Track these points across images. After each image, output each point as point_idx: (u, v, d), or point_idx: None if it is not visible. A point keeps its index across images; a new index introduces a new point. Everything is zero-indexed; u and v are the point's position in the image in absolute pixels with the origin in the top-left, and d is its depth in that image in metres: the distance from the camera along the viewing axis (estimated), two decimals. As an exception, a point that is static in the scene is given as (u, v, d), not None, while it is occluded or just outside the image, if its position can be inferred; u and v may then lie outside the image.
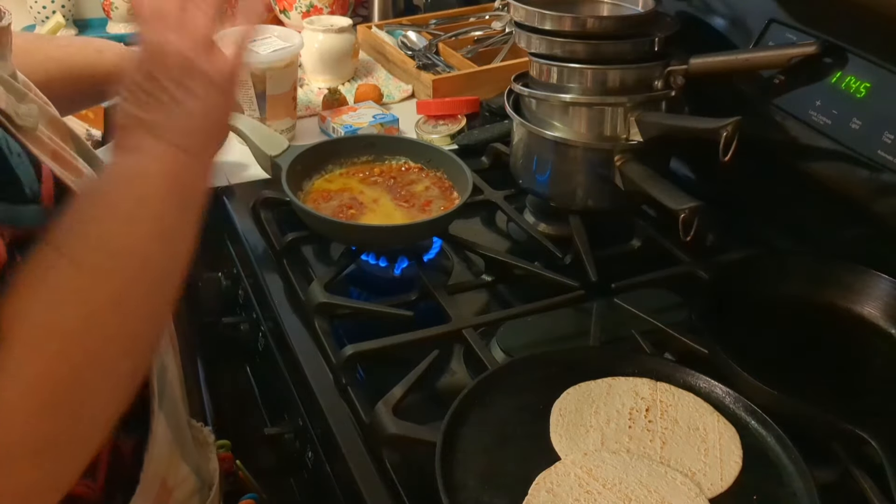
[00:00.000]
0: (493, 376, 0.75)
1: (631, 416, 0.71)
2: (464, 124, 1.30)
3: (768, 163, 0.98)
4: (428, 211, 0.99)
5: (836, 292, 0.87)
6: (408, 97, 1.44)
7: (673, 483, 0.65)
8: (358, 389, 0.79)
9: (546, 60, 0.99)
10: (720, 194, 1.01)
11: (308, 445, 0.83)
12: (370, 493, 0.69)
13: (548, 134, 1.00)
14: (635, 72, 0.97)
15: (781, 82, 0.95)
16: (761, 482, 0.66)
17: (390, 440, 0.71)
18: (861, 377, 0.80)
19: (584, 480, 0.64)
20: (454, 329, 0.85)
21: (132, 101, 0.57)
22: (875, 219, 0.86)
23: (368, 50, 1.60)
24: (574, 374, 0.75)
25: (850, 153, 0.87)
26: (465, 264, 1.01)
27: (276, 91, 1.23)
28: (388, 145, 1.10)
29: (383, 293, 0.96)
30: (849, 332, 0.85)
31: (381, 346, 0.82)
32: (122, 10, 1.65)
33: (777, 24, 0.97)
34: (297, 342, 0.87)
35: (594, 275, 0.94)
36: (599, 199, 1.02)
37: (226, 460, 1.00)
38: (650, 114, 0.97)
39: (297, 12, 1.63)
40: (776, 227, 0.99)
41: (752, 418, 0.72)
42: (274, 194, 1.06)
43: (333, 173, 1.07)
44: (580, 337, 0.88)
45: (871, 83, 0.86)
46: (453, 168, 1.04)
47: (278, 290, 0.95)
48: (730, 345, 0.77)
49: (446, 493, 0.62)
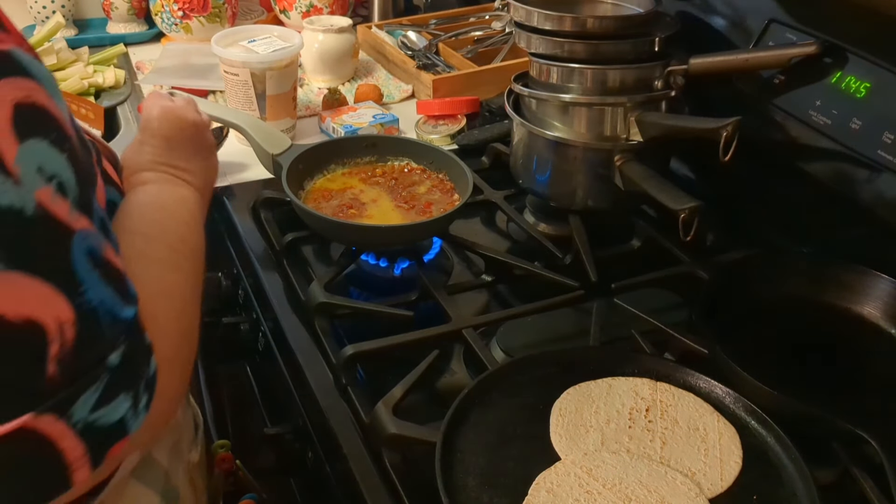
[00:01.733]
0: (493, 376, 0.75)
1: (631, 416, 0.71)
2: (464, 124, 1.30)
3: (768, 163, 0.98)
4: (429, 213, 0.99)
5: (836, 292, 0.87)
6: (408, 97, 1.44)
7: (673, 483, 0.65)
8: (358, 389, 0.79)
9: (546, 60, 0.99)
10: (720, 194, 1.01)
11: (308, 445, 0.83)
12: (370, 493, 0.69)
13: (548, 134, 1.00)
14: (635, 72, 0.97)
15: (781, 82, 0.95)
16: (761, 482, 0.66)
17: (390, 440, 0.71)
18: (861, 377, 0.80)
19: (584, 480, 0.64)
20: (454, 329, 0.85)
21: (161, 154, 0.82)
22: (875, 219, 0.86)
23: (368, 50, 1.60)
24: (574, 374, 0.75)
25: (850, 153, 0.87)
26: (465, 264, 1.01)
27: (276, 91, 1.23)
28: (390, 146, 1.10)
29: (383, 293, 0.96)
30: (849, 332, 0.85)
31: (381, 346, 0.82)
32: (122, 10, 1.65)
33: (777, 24, 0.97)
34: (297, 342, 0.87)
35: (594, 275, 0.94)
36: (599, 199, 1.02)
37: (226, 460, 1.00)
38: (650, 114, 0.97)
39: (297, 12, 1.64)
40: (776, 227, 0.99)
41: (752, 418, 0.72)
42: (274, 194, 1.06)
43: (336, 173, 1.07)
44: (580, 337, 0.88)
45: (871, 83, 0.86)
46: (455, 169, 1.04)
47: (278, 290, 0.95)
48: (730, 345, 0.77)
49: (446, 493, 0.62)
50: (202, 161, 0.86)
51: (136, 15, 1.68)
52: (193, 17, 1.58)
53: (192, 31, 1.59)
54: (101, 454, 0.54)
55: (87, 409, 0.52)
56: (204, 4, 1.57)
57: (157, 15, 1.60)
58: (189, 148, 0.85)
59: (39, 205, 0.49)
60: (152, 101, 0.87)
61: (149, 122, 0.84)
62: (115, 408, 0.54)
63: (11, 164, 0.48)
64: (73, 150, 0.53)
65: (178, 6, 1.56)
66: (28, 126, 0.49)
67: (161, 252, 0.68)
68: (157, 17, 1.60)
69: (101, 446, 0.54)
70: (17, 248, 0.48)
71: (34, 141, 0.50)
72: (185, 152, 0.84)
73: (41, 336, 0.49)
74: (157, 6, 1.58)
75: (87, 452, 0.53)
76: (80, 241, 0.52)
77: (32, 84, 0.51)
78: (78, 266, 0.52)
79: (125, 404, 0.54)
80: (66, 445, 0.52)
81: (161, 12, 1.58)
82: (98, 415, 0.53)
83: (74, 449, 0.52)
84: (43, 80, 0.52)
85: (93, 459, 0.53)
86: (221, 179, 1.17)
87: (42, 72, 0.52)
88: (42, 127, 0.51)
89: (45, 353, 0.50)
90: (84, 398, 0.52)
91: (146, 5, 1.65)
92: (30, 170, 0.49)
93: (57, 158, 0.51)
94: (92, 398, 0.52)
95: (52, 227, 0.50)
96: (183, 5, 1.56)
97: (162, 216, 0.73)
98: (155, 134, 0.83)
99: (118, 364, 0.54)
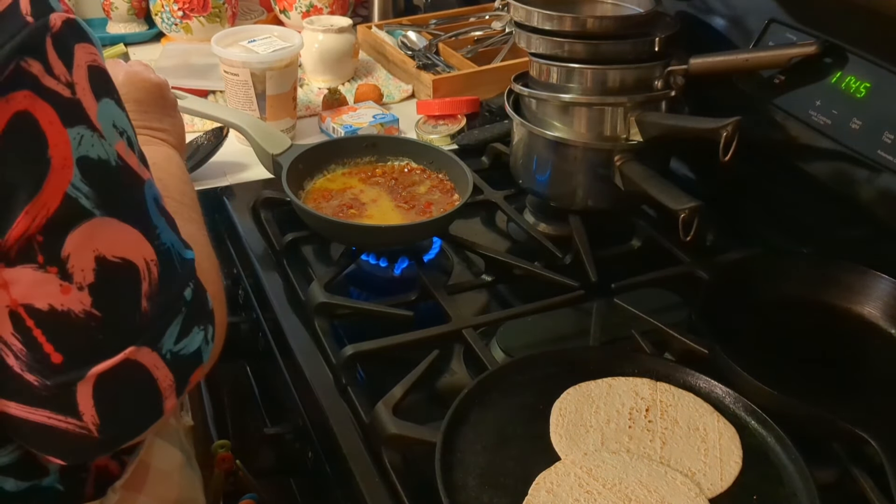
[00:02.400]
0: (493, 376, 0.75)
1: (631, 416, 0.71)
2: (464, 124, 1.30)
3: (768, 163, 0.98)
4: (429, 213, 0.99)
5: (836, 292, 0.87)
6: (408, 97, 1.44)
7: (673, 483, 0.65)
8: (358, 389, 0.79)
9: (546, 60, 0.99)
10: (720, 194, 1.01)
11: (308, 445, 0.83)
12: (370, 493, 0.69)
13: (548, 134, 1.00)
14: (635, 72, 0.97)
15: (781, 82, 0.95)
16: (761, 482, 0.66)
17: (390, 440, 0.71)
18: (861, 377, 0.80)
19: (584, 480, 0.64)
20: (454, 329, 0.85)
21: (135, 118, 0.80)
22: (875, 219, 0.86)
23: (368, 50, 1.60)
24: (574, 374, 0.75)
25: (850, 153, 0.87)
26: (465, 264, 1.01)
27: (276, 91, 1.23)
28: (390, 146, 1.10)
29: (383, 293, 0.96)
30: (849, 332, 0.85)
31: (381, 346, 0.82)
32: (122, 10, 1.65)
33: (777, 24, 0.97)
34: (297, 342, 0.87)
35: (594, 275, 0.94)
36: (599, 199, 1.02)
37: (226, 460, 1.00)
38: (650, 114, 0.97)
39: (297, 12, 1.64)
40: (776, 227, 0.99)
41: (752, 418, 0.72)
42: (274, 194, 1.06)
43: (336, 173, 1.07)
44: (580, 337, 0.88)
45: (871, 83, 0.86)
46: (455, 170, 1.04)
47: (278, 290, 0.95)
48: (730, 345, 0.77)
49: (446, 493, 0.62)
50: (171, 118, 0.90)
51: (136, 15, 1.68)
52: (193, 17, 1.58)
53: (192, 31, 1.59)
54: (184, 382, 0.59)
55: (173, 340, 0.58)
56: (204, 4, 1.57)
57: (157, 15, 1.60)
58: (159, 108, 0.88)
59: (119, 156, 0.55)
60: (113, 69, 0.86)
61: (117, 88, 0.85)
62: (193, 339, 0.60)
63: (95, 120, 0.53)
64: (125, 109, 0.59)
65: (178, 6, 1.56)
66: (100, 86, 0.55)
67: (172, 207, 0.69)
68: (157, 17, 1.60)
69: (184, 375, 0.59)
70: (109, 196, 0.54)
71: (106, 100, 0.55)
72: (157, 113, 0.87)
73: (136, 274, 0.55)
74: (157, 6, 1.58)
75: (174, 381, 0.58)
76: (149, 189, 0.58)
77: (94, 49, 0.55)
78: (151, 211, 0.58)
79: (199, 335, 0.60)
80: (159, 374, 0.57)
81: (161, 12, 1.58)
82: (181, 345, 0.59)
83: (166, 377, 0.58)
84: (98, 45, 0.57)
85: (179, 387, 0.59)
86: (221, 179, 1.18)
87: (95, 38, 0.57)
88: (108, 87, 0.56)
89: (139, 291, 0.56)
90: (170, 331, 0.58)
91: (146, 5, 1.65)
92: (108, 125, 0.55)
93: (122, 115, 0.57)
94: (175, 330, 0.58)
95: (130, 177, 0.57)
96: (183, 5, 1.56)
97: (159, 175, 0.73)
98: (127, 98, 0.82)
99: (191, 299, 0.60)
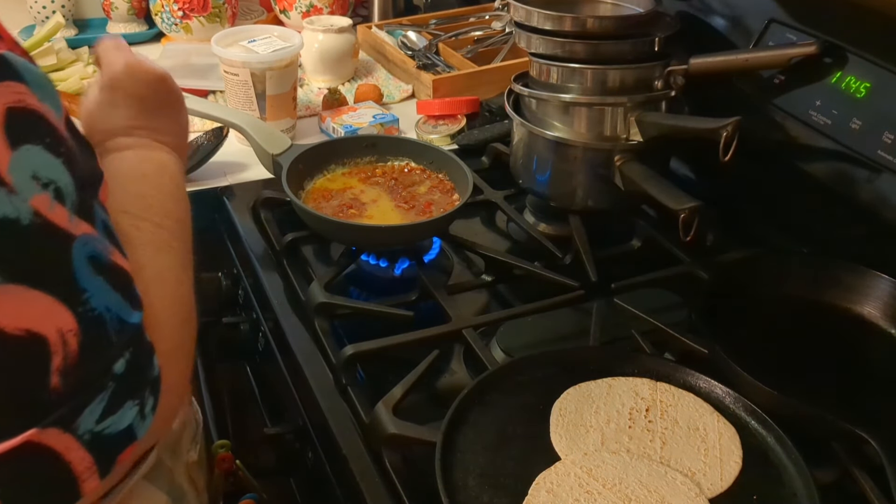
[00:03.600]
0: (493, 376, 0.75)
1: (631, 416, 0.71)
2: (464, 124, 1.30)
3: (768, 163, 0.98)
4: (429, 213, 0.99)
5: (836, 292, 0.87)
6: (408, 97, 1.44)
7: (673, 483, 0.65)
8: (358, 389, 0.79)
9: (546, 60, 0.99)
10: (720, 194, 1.01)
11: (308, 445, 0.83)
12: (370, 493, 0.69)
13: (548, 134, 1.00)
14: (635, 72, 0.97)
15: (781, 82, 0.95)
16: (761, 482, 0.66)
17: (390, 440, 0.71)
18: (861, 377, 0.80)
19: (584, 480, 0.64)
20: (454, 329, 0.85)
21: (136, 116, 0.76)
22: (875, 219, 0.86)
23: (368, 50, 1.60)
24: (574, 374, 0.75)
25: (850, 153, 0.87)
26: (465, 264, 1.01)
27: (276, 91, 1.23)
28: (390, 146, 1.10)
29: (383, 293, 0.96)
30: (849, 332, 0.85)
31: (381, 346, 0.82)
32: (122, 10, 1.65)
33: (777, 24, 0.97)
34: (296, 342, 0.87)
35: (594, 275, 0.94)
36: (599, 199, 1.02)
37: (226, 460, 1.00)
38: (650, 114, 0.97)
39: (297, 12, 1.64)
40: (776, 227, 0.99)
41: (752, 418, 0.72)
42: (274, 194, 1.06)
43: (336, 173, 1.07)
44: (580, 337, 0.88)
45: (871, 83, 0.86)
46: (455, 170, 1.04)
47: (278, 290, 0.95)
48: (730, 345, 0.77)
49: (446, 493, 0.62)
50: (176, 116, 0.81)
51: (136, 15, 1.68)
52: (193, 17, 1.58)
53: (192, 31, 1.59)
54: (109, 463, 0.53)
55: (94, 419, 0.51)
56: (204, 4, 1.57)
57: (157, 15, 1.60)
58: (162, 106, 0.80)
59: (36, 213, 0.48)
60: (113, 55, 0.79)
61: (117, 80, 0.77)
62: (122, 416, 0.52)
63: (5, 173, 0.46)
64: (70, 154, 0.52)
65: (178, 6, 1.56)
66: (20, 131, 0.48)
67: (148, 232, 0.64)
68: (157, 17, 1.60)
69: (109, 455, 0.53)
70: (14, 260, 0.47)
71: (27, 147, 0.48)
72: (160, 111, 0.79)
73: (43, 348, 0.48)
74: (157, 6, 1.58)
75: (95, 463, 0.52)
76: (82, 247, 0.51)
77: (24, 88, 0.49)
78: (80, 273, 0.50)
79: (132, 411, 0.53)
80: (73, 457, 0.51)
81: (161, 12, 1.58)
82: (105, 424, 0.51)
83: (82, 460, 0.51)
84: (36, 83, 0.50)
85: (101, 469, 0.52)
86: (221, 179, 1.18)
87: (35, 75, 0.51)
88: (35, 132, 0.49)
89: (47, 366, 0.49)
90: (90, 409, 0.51)
91: (146, 5, 1.65)
92: (23, 177, 0.47)
93: (52, 163, 0.50)
94: (98, 408, 0.51)
95: (50, 236, 0.49)
96: (183, 5, 1.56)
97: (145, 189, 0.69)
98: (128, 94, 0.77)
99: (123, 372, 0.52)
